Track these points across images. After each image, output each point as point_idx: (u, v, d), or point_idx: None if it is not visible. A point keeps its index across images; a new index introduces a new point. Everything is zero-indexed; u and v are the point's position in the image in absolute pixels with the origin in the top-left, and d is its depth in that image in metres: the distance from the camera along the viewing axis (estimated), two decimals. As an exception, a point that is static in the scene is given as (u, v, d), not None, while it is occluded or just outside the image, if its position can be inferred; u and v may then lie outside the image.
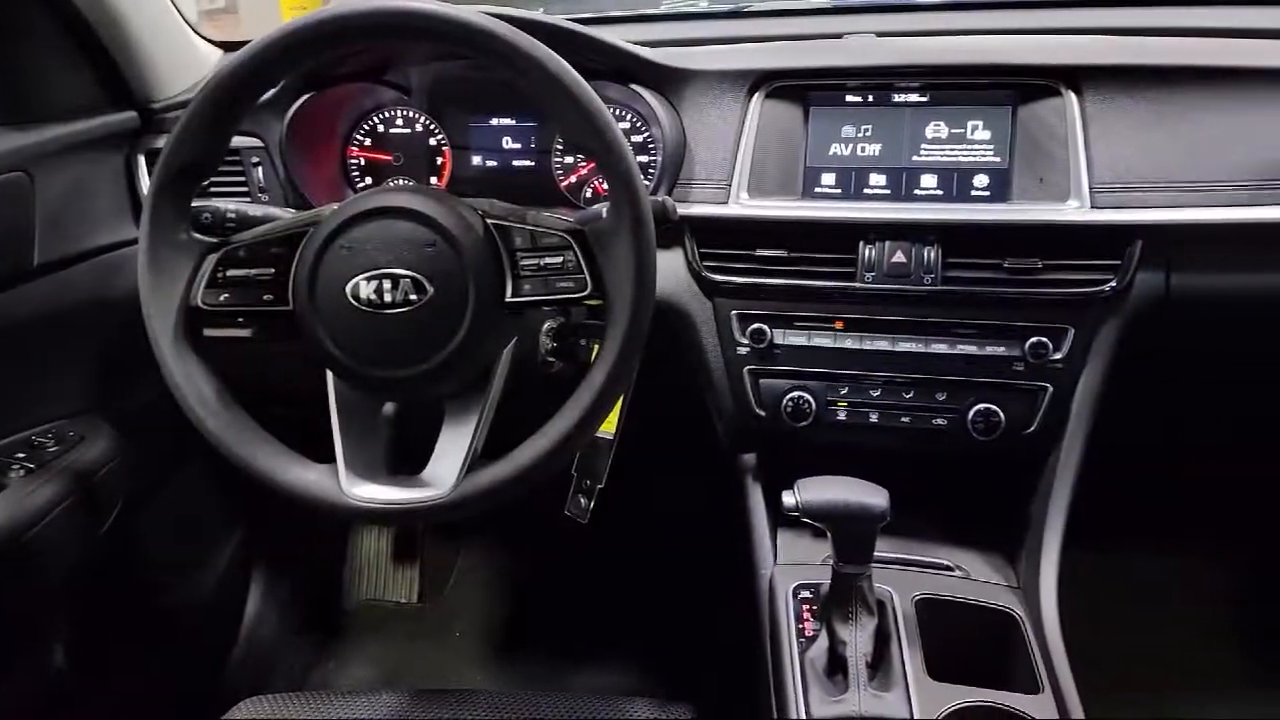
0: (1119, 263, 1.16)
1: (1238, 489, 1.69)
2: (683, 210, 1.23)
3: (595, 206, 1.01)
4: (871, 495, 1.02)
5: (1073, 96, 1.18)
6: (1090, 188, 1.16)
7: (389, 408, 1.05)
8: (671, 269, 1.26)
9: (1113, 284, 1.16)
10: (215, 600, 1.77)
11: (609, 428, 1.15)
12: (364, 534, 2.01)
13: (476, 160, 1.39)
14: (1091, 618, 1.25)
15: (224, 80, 0.93)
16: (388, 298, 0.91)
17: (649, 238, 0.92)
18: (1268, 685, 1.62)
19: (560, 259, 0.94)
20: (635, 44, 1.29)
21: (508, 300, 0.95)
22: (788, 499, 1.03)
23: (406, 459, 0.99)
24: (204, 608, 1.73)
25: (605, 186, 1.28)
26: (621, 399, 1.15)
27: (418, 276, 0.91)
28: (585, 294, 0.94)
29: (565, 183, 1.37)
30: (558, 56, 0.90)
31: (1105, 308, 1.18)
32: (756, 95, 1.25)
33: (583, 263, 0.93)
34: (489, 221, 0.95)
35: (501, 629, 1.92)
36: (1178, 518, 1.74)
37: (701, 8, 1.67)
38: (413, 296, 0.91)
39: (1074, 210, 1.16)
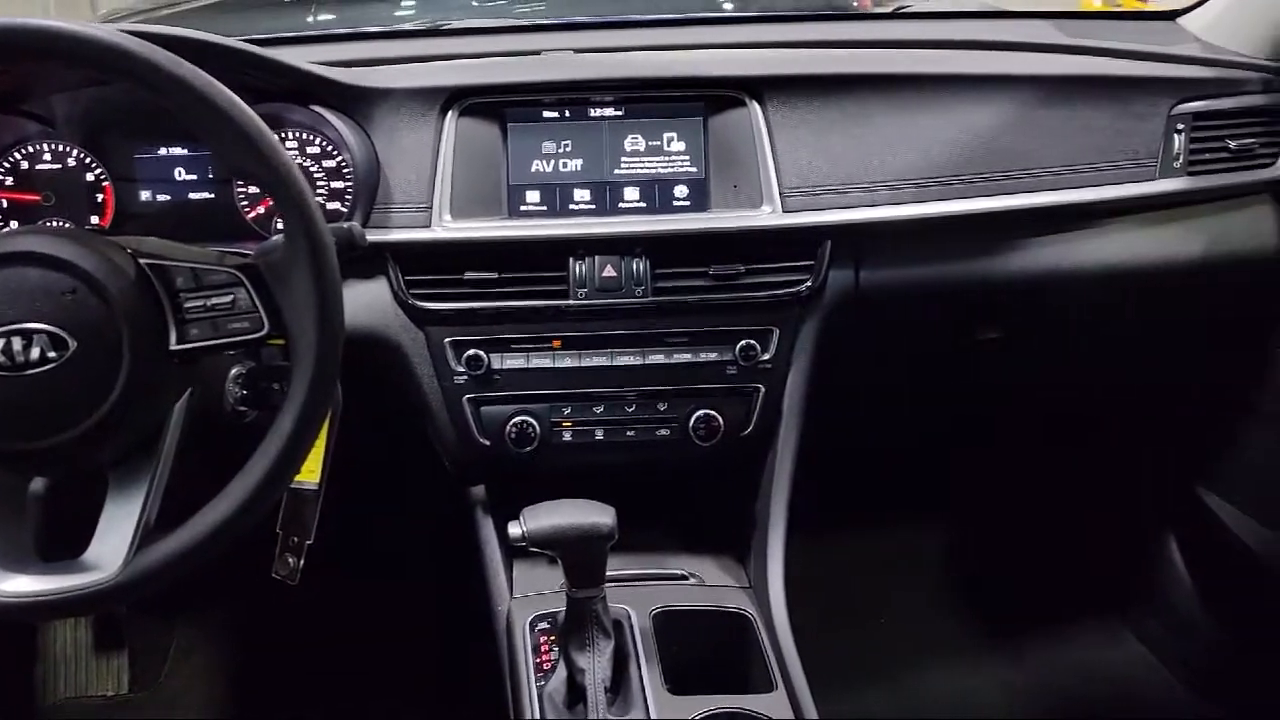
0: (812, 263, 1.21)
1: (938, 469, 1.83)
2: (382, 236, 1.17)
3: (274, 238, 0.92)
4: (598, 515, 1.00)
5: (757, 106, 1.22)
6: (780, 193, 1.21)
7: (38, 484, 0.90)
8: (376, 299, 1.19)
9: (808, 283, 1.21)
10: None
11: (310, 477, 1.06)
12: (55, 624, 1.77)
13: (145, 194, 1.25)
14: (820, 606, 1.29)
15: None
16: (19, 358, 0.79)
17: (330, 268, 0.84)
18: (983, 650, 1.76)
19: (230, 298, 0.85)
20: (323, 64, 1.21)
21: (172, 348, 0.84)
22: (513, 529, 1.00)
23: (66, 541, 0.86)
24: None
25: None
26: (325, 442, 1.07)
27: (55, 330, 0.79)
28: (263, 334, 0.85)
29: (252, 214, 1.26)
30: (206, 75, 0.81)
31: (804, 307, 1.23)
32: (450, 113, 1.20)
33: (256, 300, 0.85)
34: (142, 261, 0.84)
35: (232, 709, 1.75)
36: (890, 500, 1.86)
37: (397, 26, 1.61)
38: (51, 354, 0.79)
39: (767, 215, 1.20)
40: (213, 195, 1.25)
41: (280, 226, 1.25)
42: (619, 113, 1.23)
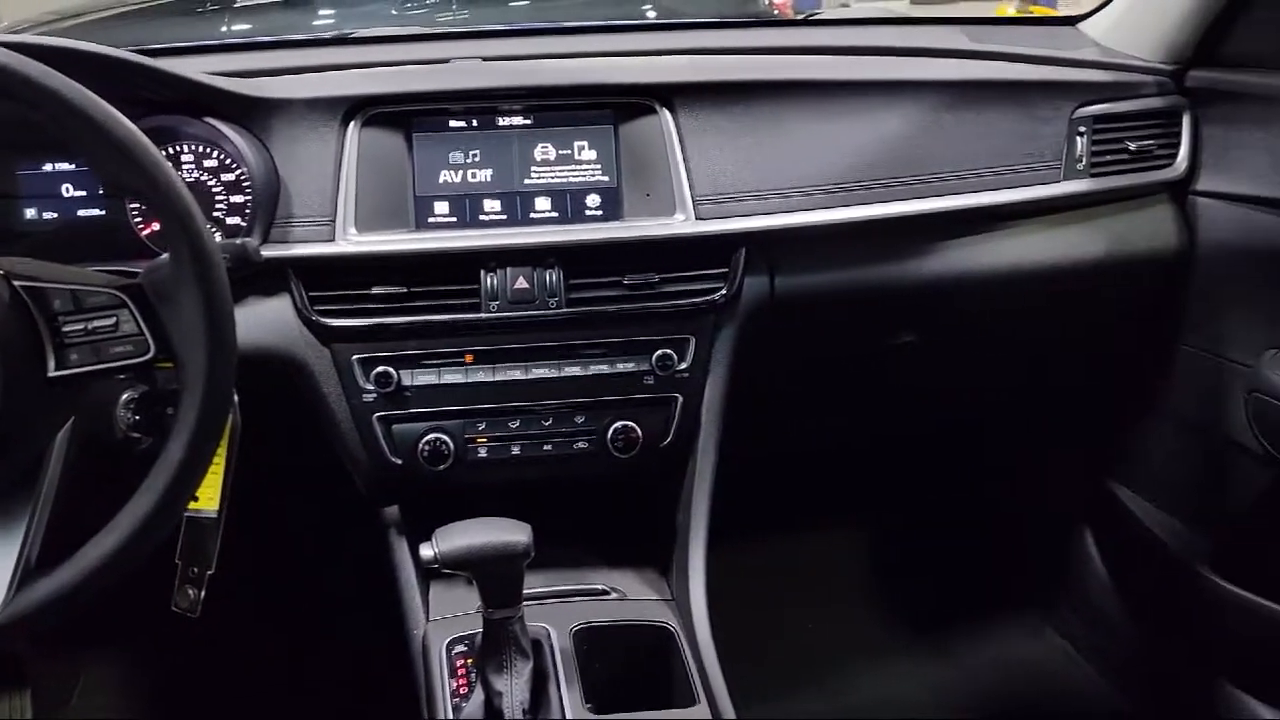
0: (726, 270, 1.21)
1: (859, 472, 1.85)
2: (283, 251, 1.13)
3: (160, 257, 0.88)
4: (513, 533, 0.98)
5: (667, 114, 1.21)
6: (693, 200, 1.20)
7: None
8: (278, 317, 1.15)
9: (723, 291, 1.20)
10: None
11: (209, 504, 1.01)
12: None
13: (31, 212, 1.18)
14: (743, 616, 1.29)
15: None
16: None
17: (219, 286, 0.81)
18: (909, 651, 1.77)
19: (112, 320, 0.81)
20: (219, 74, 1.17)
21: (51, 375, 0.79)
22: (425, 551, 0.98)
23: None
24: None
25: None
26: (224, 467, 1.02)
27: None
28: (149, 357, 0.81)
29: (146, 231, 1.20)
30: (80, 87, 0.77)
31: (720, 315, 1.22)
32: (353, 124, 1.17)
33: (141, 322, 0.81)
34: (16, 284, 0.80)
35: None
36: (812, 504, 1.87)
37: (299, 35, 1.56)
38: None
39: (681, 223, 1.19)
40: (104, 212, 1.20)
41: (175, 243, 1.22)
42: (528, 121, 1.21)
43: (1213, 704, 1.43)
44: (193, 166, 1.14)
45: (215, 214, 1.14)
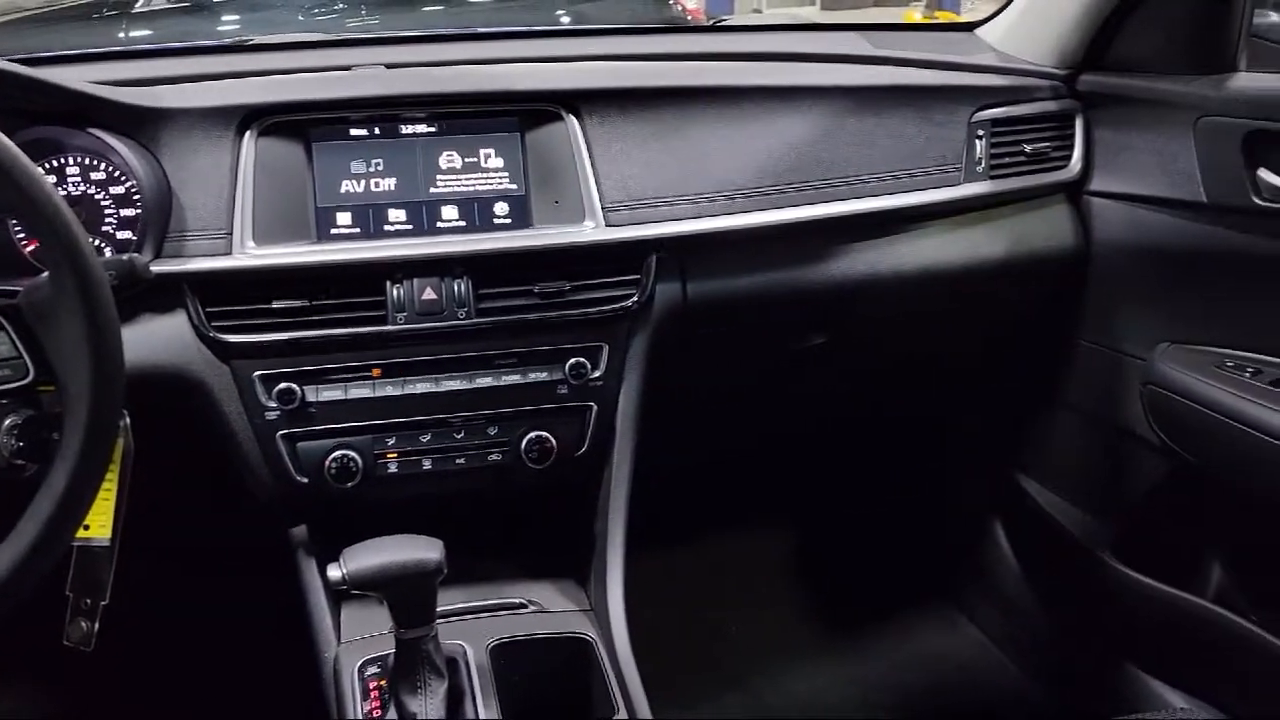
0: (639, 277, 1.20)
1: (774, 474, 1.86)
2: (177, 266, 1.09)
3: (40, 276, 0.84)
4: (424, 550, 0.96)
5: (574, 120, 1.21)
6: (603, 207, 1.19)
7: None
8: (174, 334, 1.11)
9: (635, 298, 1.20)
10: None
11: (101, 532, 0.97)
12: None
13: (-99, 229, 1.12)
14: (664, 622, 1.28)
15: None
16: None
17: (103, 305, 0.77)
18: (830, 649, 1.79)
19: None
20: (106, 83, 1.12)
21: None
22: (332, 572, 0.95)
23: None
24: None
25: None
26: (115, 493, 0.98)
27: None
28: (29, 381, 0.78)
29: (30, 248, 1.15)
30: None
31: (633, 322, 1.22)
32: (249, 133, 1.13)
33: (18, 343, 0.77)
34: None
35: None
36: (730, 508, 1.88)
37: (193, 42, 1.51)
38: None
39: (591, 230, 1.18)
40: None
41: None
42: (433, 129, 1.19)
43: (1118, 687, 1.48)
44: (79, 180, 1.09)
45: (105, 229, 1.09)
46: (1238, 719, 1.30)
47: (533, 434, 1.19)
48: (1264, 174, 1.17)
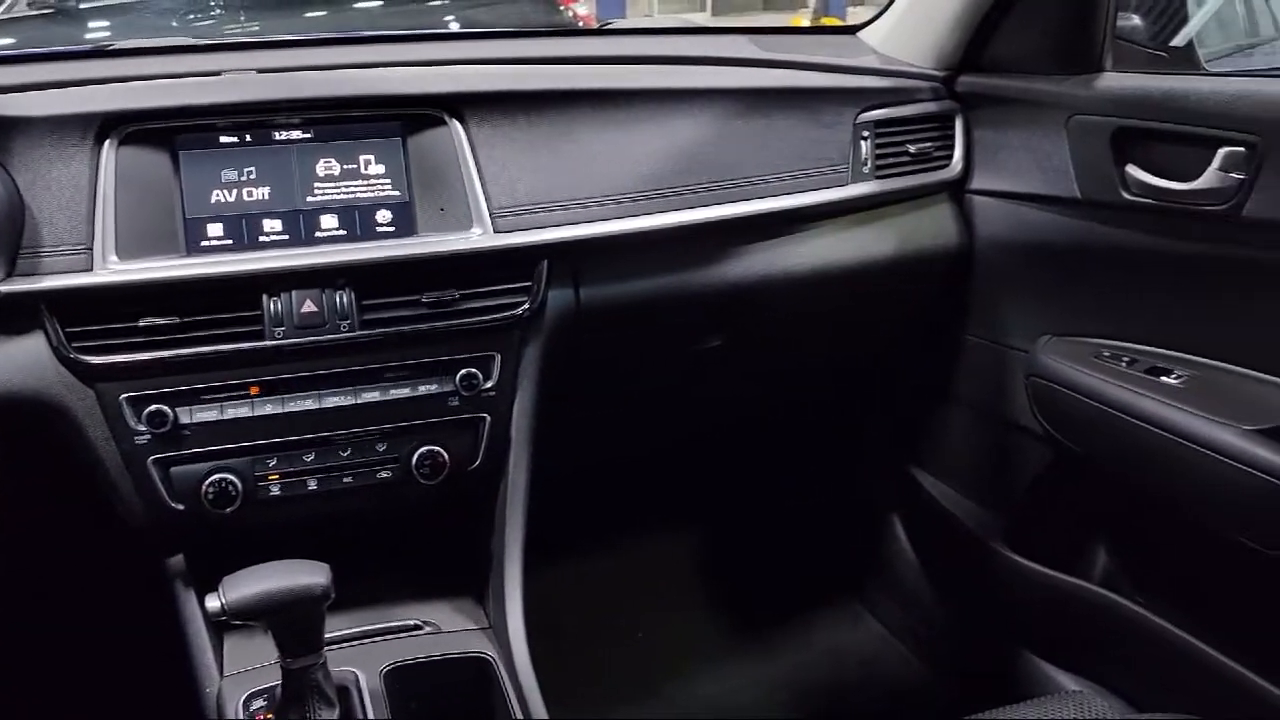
0: (530, 284, 1.18)
1: (675, 478, 1.86)
2: (32, 285, 1.02)
3: None
4: (309, 575, 0.92)
5: (457, 124, 1.18)
6: (490, 213, 1.17)
7: None
8: (31, 357, 1.04)
9: (527, 305, 1.17)
10: None
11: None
12: None
13: None
14: (568, 634, 1.26)
15: None
16: None
17: None
18: (738, 650, 1.80)
19: None
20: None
21: None
22: (211, 603, 0.90)
23: None
24: None
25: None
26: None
27: None
28: None
29: None
30: None
31: (525, 330, 1.19)
32: (108, 142, 1.07)
33: None
34: None
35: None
36: (632, 514, 1.87)
37: (50, 48, 1.42)
38: None
39: (479, 237, 1.15)
40: None
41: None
42: (308, 135, 1.14)
43: (1013, 673, 1.52)
44: None
45: None
46: (1127, 698, 1.34)
47: (423, 449, 1.15)
48: (1132, 169, 1.22)
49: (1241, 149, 1.08)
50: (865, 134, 1.40)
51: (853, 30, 1.64)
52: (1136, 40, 1.46)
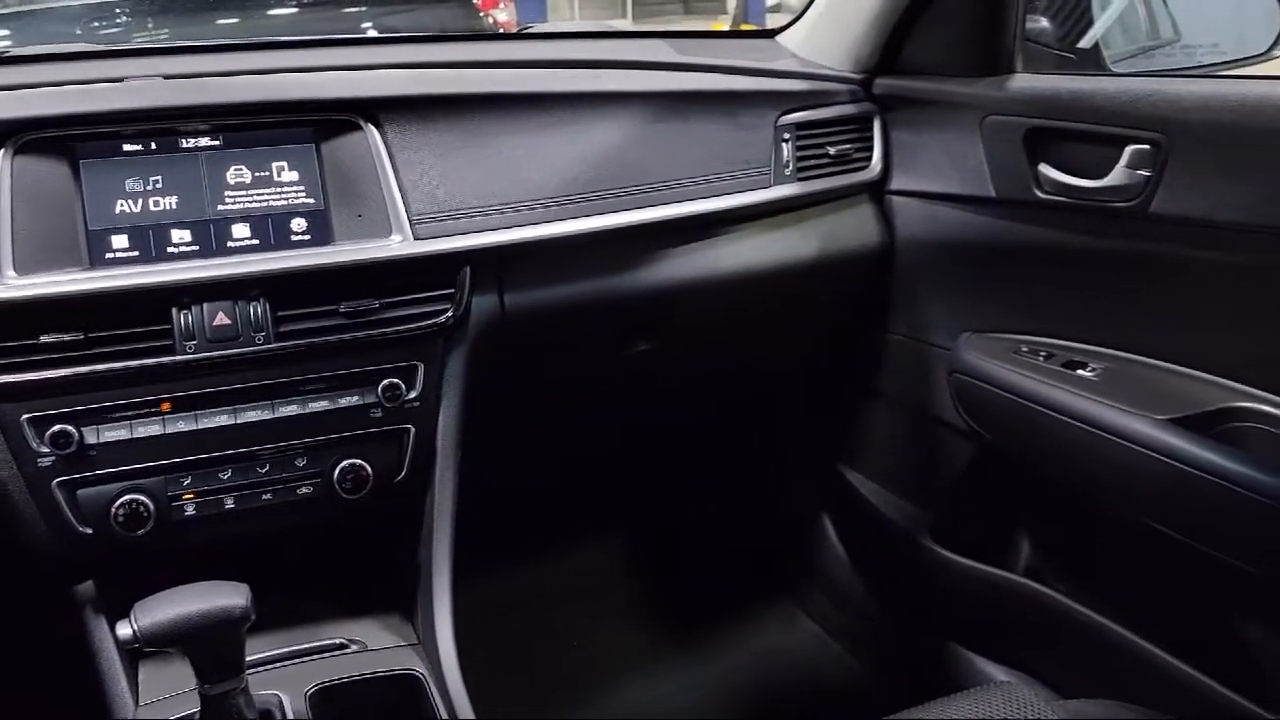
0: (452, 291, 1.16)
1: (607, 484, 1.85)
2: (-79, 302, 0.96)
3: None
4: (226, 597, 0.88)
5: (373, 129, 1.15)
6: (410, 220, 1.14)
7: None
8: (-79, 378, 0.98)
9: (450, 313, 1.15)
10: None
11: None
12: None
13: None
14: (501, 646, 1.24)
15: None
16: None
17: None
18: (674, 654, 1.79)
19: None
20: None
21: None
22: (122, 630, 0.86)
23: None
24: None
25: None
26: None
27: None
28: None
29: None
30: None
31: (449, 338, 1.17)
32: (3, 152, 1.02)
33: None
34: None
35: None
36: (564, 521, 1.85)
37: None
38: None
39: (398, 245, 1.13)
40: None
41: None
42: (217, 142, 1.11)
43: (945, 666, 1.54)
44: None
45: None
46: (1054, 686, 1.37)
47: (346, 462, 1.12)
48: (1044, 168, 1.25)
49: (1147, 147, 1.12)
50: (786, 136, 1.41)
51: (771, 34, 1.65)
52: (1045, 43, 1.50)
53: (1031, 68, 1.34)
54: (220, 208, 1.10)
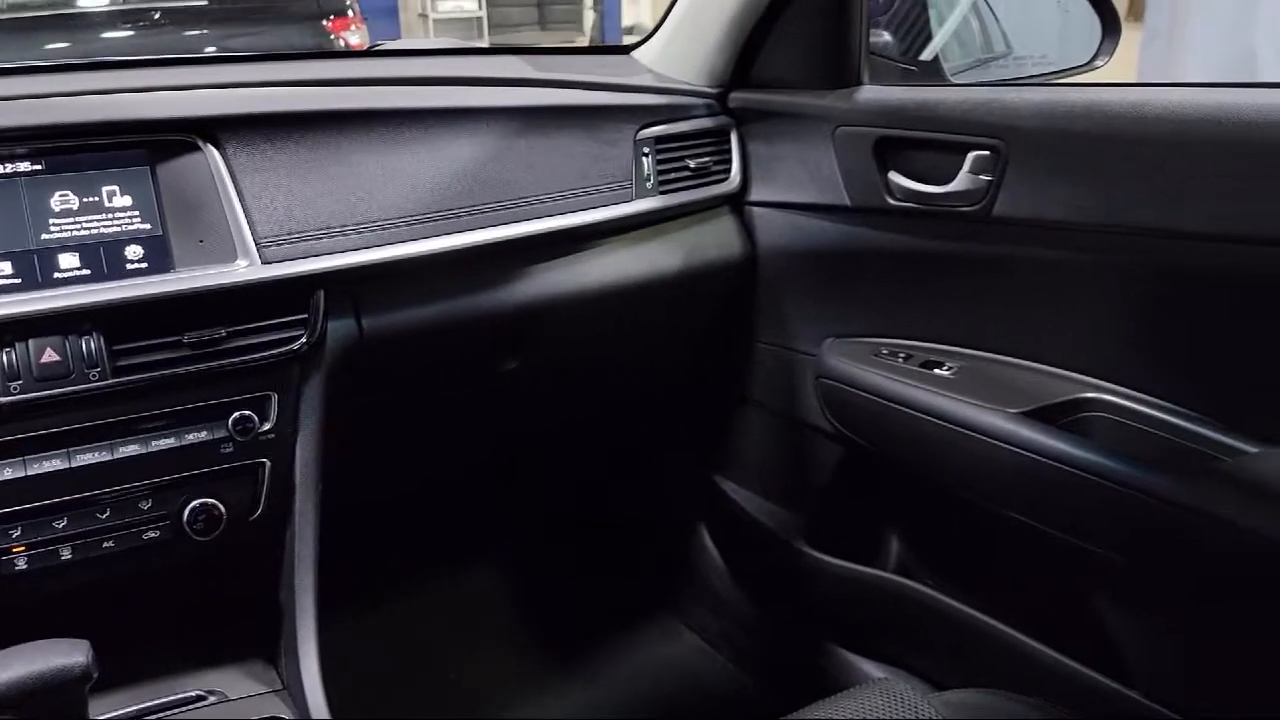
0: (306, 316, 1.11)
1: (482, 508, 1.81)
2: None
3: None
4: (63, 655, 0.81)
5: (213, 150, 1.09)
6: (256, 243, 1.09)
7: None
8: None
9: (304, 339, 1.10)
10: None
11: None
12: None
13: None
14: (374, 684, 1.19)
15: None
16: None
17: None
18: (559, 676, 1.76)
19: None
20: None
21: None
22: None
23: None
24: None
25: None
26: None
27: None
28: None
29: None
30: None
31: (304, 365, 1.12)
32: None
33: None
34: None
35: None
36: (438, 548, 1.80)
37: None
38: None
39: (245, 270, 1.07)
40: None
41: None
42: (38, 166, 1.03)
43: (826, 668, 1.56)
44: None
45: None
46: (930, 680, 1.40)
47: (196, 502, 1.06)
48: (894, 176, 1.29)
49: (987, 153, 1.17)
50: (646, 150, 1.42)
51: (626, 50, 1.66)
52: (890, 56, 1.56)
53: (878, 80, 1.38)
54: (44, 236, 1.02)
